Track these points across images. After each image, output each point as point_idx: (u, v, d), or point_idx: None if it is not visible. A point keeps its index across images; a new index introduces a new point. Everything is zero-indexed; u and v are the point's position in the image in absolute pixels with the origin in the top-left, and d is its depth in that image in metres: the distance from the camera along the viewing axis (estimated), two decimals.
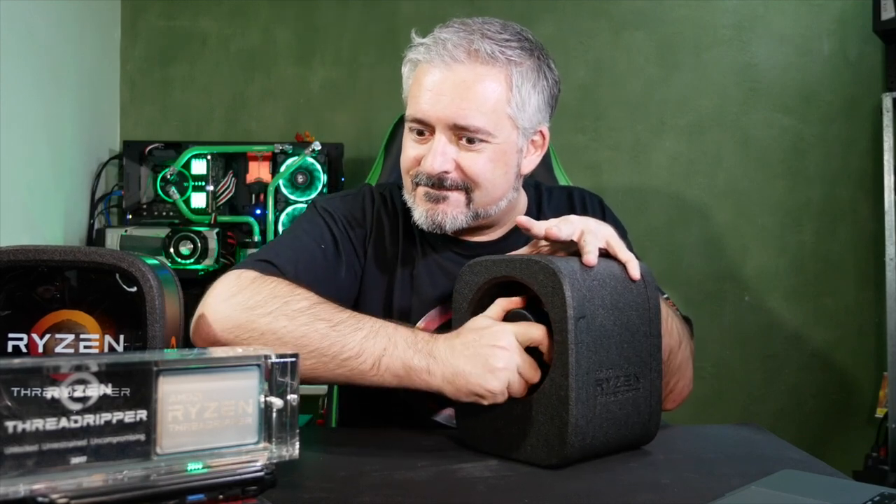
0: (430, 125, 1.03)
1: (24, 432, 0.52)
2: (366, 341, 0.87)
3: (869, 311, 2.49)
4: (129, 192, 2.39)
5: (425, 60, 1.03)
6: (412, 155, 1.05)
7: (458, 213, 1.05)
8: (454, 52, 1.01)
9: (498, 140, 1.03)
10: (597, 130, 2.58)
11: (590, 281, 0.82)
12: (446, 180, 1.04)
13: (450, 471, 0.79)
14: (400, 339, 0.87)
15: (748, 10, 2.55)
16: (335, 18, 2.64)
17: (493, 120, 1.02)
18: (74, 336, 0.72)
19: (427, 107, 1.02)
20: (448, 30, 1.04)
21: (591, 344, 0.80)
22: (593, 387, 0.80)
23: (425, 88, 1.02)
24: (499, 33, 1.03)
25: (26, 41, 2.10)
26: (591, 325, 0.80)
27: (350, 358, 0.86)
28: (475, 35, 1.02)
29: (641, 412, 0.85)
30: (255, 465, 0.62)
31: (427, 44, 1.04)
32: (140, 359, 0.58)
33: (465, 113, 1.00)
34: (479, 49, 1.01)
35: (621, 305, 0.84)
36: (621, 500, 0.73)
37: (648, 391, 0.85)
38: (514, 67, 1.02)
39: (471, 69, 1.01)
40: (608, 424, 0.81)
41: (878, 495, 0.65)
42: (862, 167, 2.50)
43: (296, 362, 0.65)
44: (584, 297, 0.80)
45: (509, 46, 1.02)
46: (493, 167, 1.04)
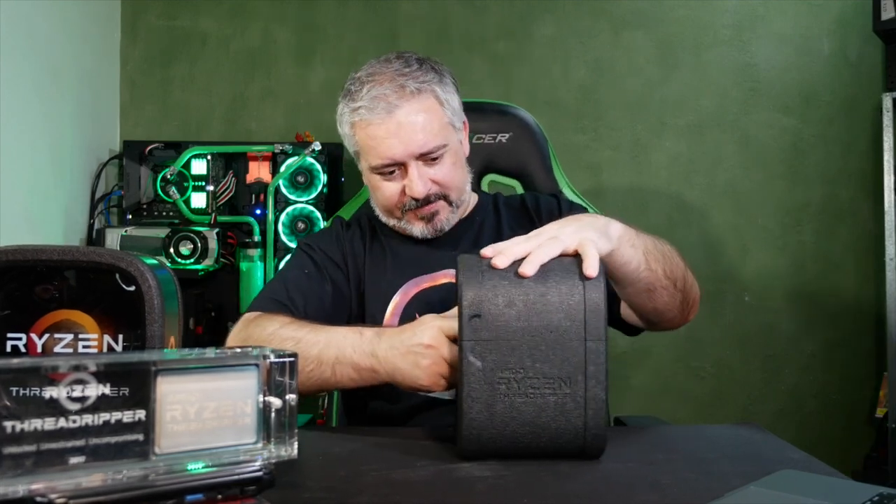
0: (400, 163, 1.20)
1: (23, 432, 0.52)
2: (322, 353, 1.00)
3: (869, 311, 2.49)
4: (129, 192, 2.39)
5: (370, 118, 1.18)
6: (394, 191, 1.22)
7: (448, 215, 1.25)
8: (392, 101, 1.17)
9: (450, 145, 1.22)
10: (597, 130, 2.58)
11: (498, 280, 0.83)
12: (430, 196, 1.22)
13: (450, 471, 0.79)
14: (347, 346, 1.00)
15: (748, 10, 2.55)
16: (335, 18, 2.64)
17: (443, 133, 1.20)
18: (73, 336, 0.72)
19: (393, 150, 1.18)
20: (374, 87, 1.18)
21: (489, 343, 0.82)
22: (492, 385, 0.82)
23: (383, 137, 1.18)
24: (408, 68, 1.20)
25: (26, 41, 2.10)
26: (489, 324, 0.82)
27: (313, 369, 1.00)
28: (396, 80, 1.18)
29: (572, 419, 0.82)
30: (253, 464, 0.62)
31: (364, 105, 1.18)
32: (139, 359, 0.58)
33: (424, 141, 1.18)
34: (407, 88, 1.18)
35: (540, 308, 0.83)
36: (621, 500, 0.73)
37: (583, 399, 0.82)
38: (436, 86, 1.20)
39: (410, 106, 1.18)
40: (517, 424, 0.82)
41: (877, 495, 0.65)
42: (862, 167, 2.50)
43: (295, 362, 0.65)
44: (483, 297, 0.83)
45: (422, 74, 1.20)
46: (455, 167, 1.23)
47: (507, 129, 1.55)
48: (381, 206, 1.26)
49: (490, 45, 2.60)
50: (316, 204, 2.35)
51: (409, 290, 1.24)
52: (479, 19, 2.61)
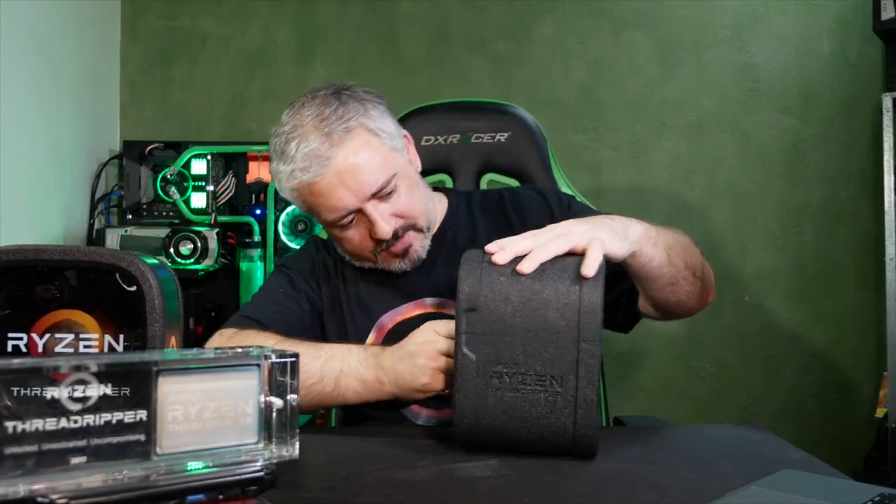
0: (356, 210, 1.12)
1: (24, 432, 0.52)
2: (324, 366, 0.99)
3: (869, 311, 2.49)
4: (129, 192, 2.39)
5: (308, 178, 1.10)
6: (361, 238, 1.15)
7: (422, 243, 1.18)
8: (323, 152, 1.09)
9: (399, 172, 1.14)
10: (597, 130, 2.58)
11: (496, 275, 0.84)
12: (398, 232, 1.15)
13: (450, 471, 0.80)
14: (352, 359, 0.99)
15: (748, 10, 2.55)
16: (335, 18, 2.64)
17: (388, 164, 1.13)
18: (74, 336, 0.72)
19: (346, 200, 1.10)
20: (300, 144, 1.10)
21: (484, 336, 0.83)
22: (486, 378, 0.83)
23: (328, 192, 1.10)
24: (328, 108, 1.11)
25: (26, 41, 2.10)
26: (485, 318, 0.83)
27: (314, 384, 0.98)
28: (319, 129, 1.10)
29: (562, 417, 0.82)
30: (254, 465, 0.62)
31: (298, 167, 1.10)
32: (140, 359, 0.58)
33: (372, 181, 1.10)
34: (332, 134, 1.09)
35: (535, 305, 0.83)
36: (621, 500, 0.73)
37: (573, 398, 0.82)
38: (362, 118, 1.12)
39: (345, 152, 1.09)
40: (506, 418, 0.83)
41: (878, 495, 0.65)
42: (862, 167, 2.50)
43: (296, 362, 0.65)
44: (480, 291, 0.84)
45: (344, 111, 1.11)
46: (412, 192, 1.16)
47: (507, 128, 1.55)
48: (350, 253, 1.20)
49: (490, 45, 2.60)
50: None
51: (385, 325, 1.20)
52: (479, 19, 2.61)
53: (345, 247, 1.19)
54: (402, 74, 2.59)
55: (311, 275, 1.24)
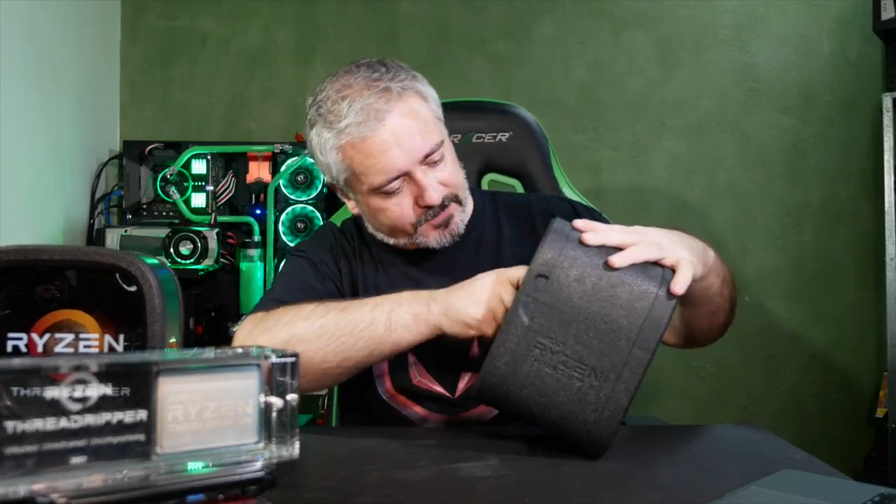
0: (405, 173, 1.08)
1: (24, 432, 0.52)
2: (374, 310, 0.97)
3: (869, 311, 2.49)
4: (129, 192, 2.39)
5: (363, 133, 1.06)
6: (406, 207, 1.11)
7: (460, 216, 1.15)
8: (380, 108, 1.06)
9: (445, 141, 1.13)
10: (597, 130, 2.58)
11: (580, 253, 0.83)
12: (445, 201, 1.12)
13: (450, 471, 0.79)
14: (403, 297, 0.97)
15: (748, 10, 2.55)
16: (335, 18, 2.64)
17: (437, 130, 1.12)
18: (74, 336, 0.72)
19: (397, 161, 1.07)
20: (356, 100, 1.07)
21: (545, 307, 0.82)
22: (530, 345, 0.81)
23: (382, 151, 1.07)
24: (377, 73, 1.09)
25: (26, 41, 2.10)
26: (553, 289, 0.82)
27: (366, 328, 0.96)
28: (372, 87, 1.07)
29: (587, 409, 0.82)
30: (254, 464, 0.62)
31: (351, 122, 1.07)
32: (140, 359, 0.58)
33: (424, 142, 1.08)
34: (390, 90, 1.07)
35: (605, 296, 0.82)
36: (621, 500, 0.73)
37: (606, 397, 0.81)
38: (414, 83, 1.11)
39: (399, 108, 1.07)
40: (533, 391, 0.82)
41: (878, 495, 0.65)
42: (862, 167, 2.50)
43: (295, 362, 0.65)
44: (558, 262, 0.82)
45: (396, 74, 1.10)
46: (455, 164, 1.15)
47: (507, 128, 1.54)
48: (390, 227, 1.14)
49: (490, 45, 2.60)
50: (316, 204, 2.35)
51: None
52: (479, 19, 2.61)
53: (383, 219, 1.14)
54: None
55: (332, 260, 1.20)
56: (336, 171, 1.12)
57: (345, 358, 0.97)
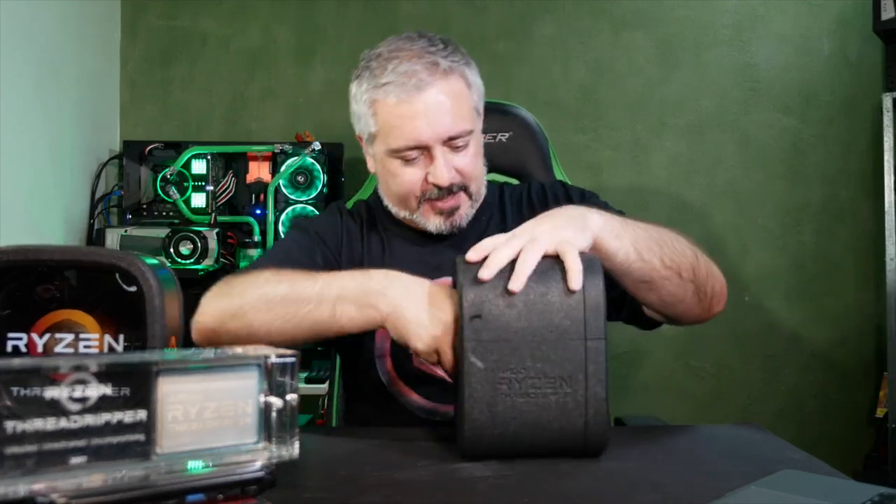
0: (424, 147, 1.11)
1: (24, 432, 0.52)
2: (322, 291, 0.94)
3: (869, 311, 2.49)
4: (129, 192, 2.39)
5: (398, 95, 1.09)
6: (414, 179, 1.13)
7: (466, 210, 1.17)
8: (422, 77, 1.08)
9: (475, 132, 1.15)
10: (597, 130, 2.58)
11: (497, 280, 0.84)
12: (453, 186, 1.13)
13: (450, 471, 0.79)
14: (351, 284, 0.94)
15: (748, 10, 2.55)
16: (335, 18, 2.64)
17: (471, 118, 1.14)
18: (74, 336, 0.72)
19: (420, 132, 1.09)
20: (403, 63, 1.09)
21: (491, 343, 0.82)
22: (494, 385, 0.82)
23: (410, 117, 1.09)
24: (434, 46, 1.11)
25: (26, 41, 2.10)
26: (490, 324, 0.82)
27: (311, 310, 0.94)
28: (425, 57, 1.09)
29: (573, 418, 0.82)
30: (254, 464, 0.62)
31: (392, 81, 1.09)
32: (140, 359, 0.58)
33: (453, 124, 1.10)
34: (439, 65, 1.09)
35: (540, 308, 0.83)
36: (621, 500, 0.73)
37: (584, 398, 0.82)
38: (465, 68, 1.13)
39: (441, 85, 1.09)
40: (518, 424, 0.82)
41: (878, 495, 0.65)
42: (862, 167, 2.50)
43: (295, 363, 0.65)
44: (484, 297, 0.83)
45: (451, 54, 1.12)
46: (477, 158, 1.16)
47: (508, 128, 1.55)
48: (396, 194, 1.17)
49: (490, 45, 2.60)
50: (316, 204, 2.35)
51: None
52: (479, 19, 2.61)
53: (392, 185, 1.16)
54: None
55: (333, 238, 1.21)
56: (364, 123, 1.15)
57: (289, 333, 0.96)
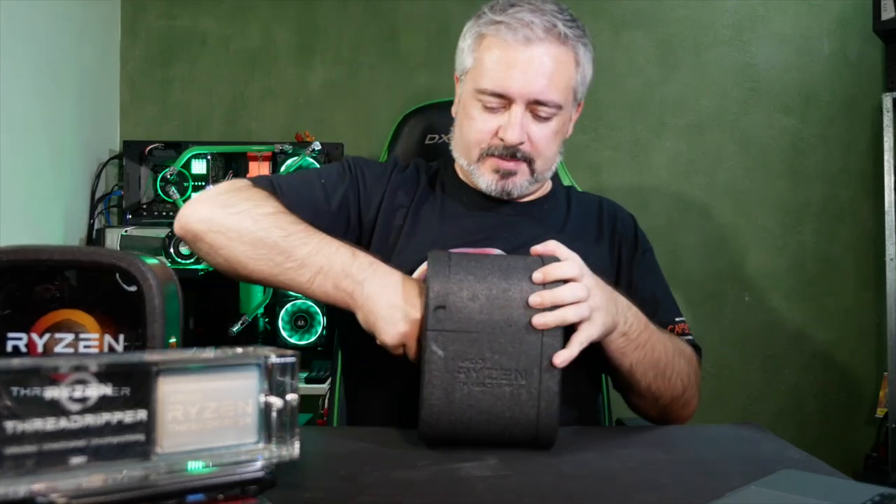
0: (508, 98, 1.08)
1: (24, 432, 0.52)
2: (308, 257, 0.94)
3: (869, 311, 2.49)
4: (129, 192, 2.39)
5: (506, 38, 1.07)
6: (487, 127, 1.11)
7: (524, 181, 1.14)
8: (537, 32, 1.06)
9: (563, 111, 1.12)
10: (597, 130, 2.58)
11: (464, 274, 0.87)
12: (518, 151, 1.11)
13: (450, 471, 0.80)
14: (337, 261, 0.93)
15: (748, 10, 2.55)
16: (335, 18, 2.64)
17: (565, 95, 1.10)
18: (74, 335, 0.72)
19: (511, 82, 1.07)
20: (524, 12, 1.08)
21: (452, 333, 0.85)
22: (452, 373, 0.85)
23: (508, 64, 1.07)
24: (562, 14, 1.10)
25: (26, 41, 2.10)
26: (453, 315, 0.85)
27: (292, 269, 0.95)
28: (548, 16, 1.08)
29: (525, 410, 0.85)
30: (254, 464, 0.62)
31: (507, 23, 1.07)
32: (140, 359, 0.58)
33: (545, 89, 1.07)
34: (557, 29, 1.08)
35: (501, 303, 0.86)
36: (621, 500, 0.73)
37: (537, 391, 0.85)
38: (580, 46, 1.11)
39: (551, 48, 1.07)
40: (473, 412, 0.85)
41: (878, 495, 0.65)
42: (862, 167, 2.50)
43: (295, 363, 0.65)
44: (449, 290, 0.86)
45: (574, 26, 1.11)
46: (555, 137, 1.13)
47: None
48: (466, 138, 1.14)
49: None
50: None
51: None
52: None
53: (465, 127, 1.14)
54: (402, 74, 2.59)
55: (378, 180, 1.18)
56: (464, 56, 1.15)
57: (263, 277, 0.98)
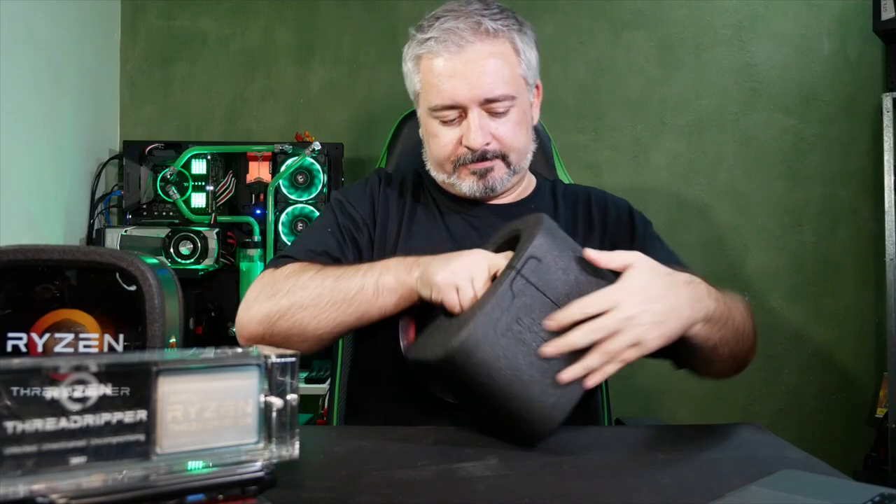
0: (461, 107, 1.11)
1: (24, 432, 0.52)
2: (364, 277, 1.01)
3: (869, 311, 2.49)
4: (129, 192, 2.39)
5: (438, 52, 1.10)
6: (449, 140, 1.13)
7: (503, 175, 1.16)
8: (465, 36, 1.09)
9: (518, 100, 1.13)
10: (597, 130, 2.58)
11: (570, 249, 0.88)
12: (488, 152, 1.13)
13: (450, 470, 0.79)
14: (392, 262, 1.01)
15: (748, 10, 2.55)
16: (335, 18, 2.64)
17: (514, 84, 1.12)
18: (74, 335, 0.72)
19: (457, 91, 1.09)
20: (448, 20, 1.10)
21: (532, 288, 0.84)
22: (511, 319, 0.83)
23: (448, 75, 1.10)
24: (488, 9, 1.12)
25: (26, 41, 2.10)
26: (542, 274, 0.85)
27: (357, 294, 1.00)
28: (473, 17, 1.10)
29: (547, 391, 0.83)
30: (254, 464, 0.62)
31: (434, 37, 1.10)
32: (140, 359, 0.58)
33: (492, 86, 1.09)
34: (484, 26, 1.09)
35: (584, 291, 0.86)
36: (621, 499, 0.73)
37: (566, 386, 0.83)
38: (515, 34, 1.13)
39: (483, 46, 1.09)
40: (503, 364, 0.83)
41: (878, 495, 0.65)
42: (862, 167, 2.50)
43: (295, 363, 0.65)
44: (551, 251, 0.86)
45: (503, 18, 1.12)
46: (519, 127, 1.14)
47: None
48: (435, 157, 1.17)
49: None
50: (316, 204, 2.35)
51: None
52: None
53: (431, 146, 1.17)
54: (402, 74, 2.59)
55: (367, 203, 1.22)
56: (410, 81, 1.18)
57: (338, 323, 1.02)
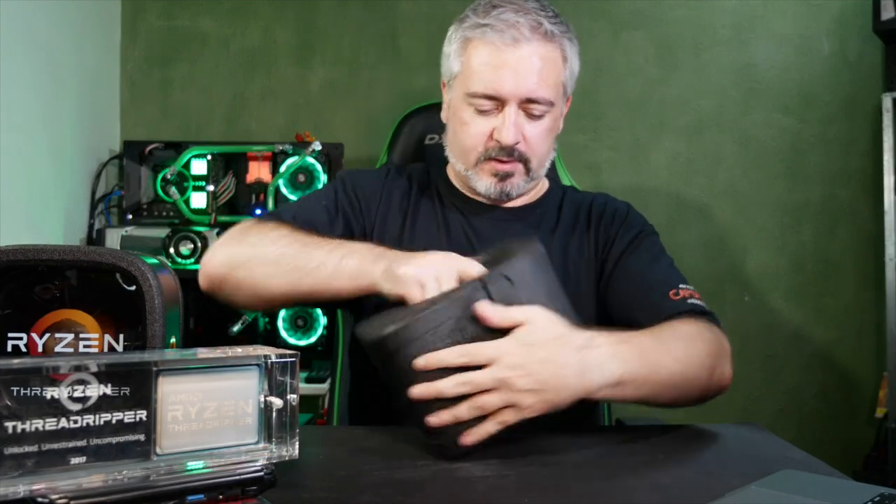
0: (500, 100, 1.09)
1: (24, 432, 0.52)
2: (329, 254, 0.98)
3: (869, 311, 2.49)
4: (129, 192, 2.39)
5: (492, 40, 1.08)
6: (480, 131, 1.11)
7: (520, 181, 1.14)
8: (523, 32, 1.07)
9: (555, 108, 1.13)
10: (596, 130, 2.58)
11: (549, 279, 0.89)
12: (515, 151, 1.11)
13: (450, 470, 0.80)
14: (361, 247, 0.99)
15: (748, 10, 2.55)
16: (335, 18, 2.64)
17: (556, 91, 1.12)
18: (74, 335, 0.72)
19: (502, 83, 1.07)
20: (507, 12, 1.09)
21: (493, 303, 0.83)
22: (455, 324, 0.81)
23: (497, 66, 1.08)
24: (545, 11, 1.11)
25: (26, 41, 2.10)
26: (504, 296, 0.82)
27: (315, 268, 0.98)
28: (532, 15, 1.09)
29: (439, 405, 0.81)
30: (254, 465, 0.62)
31: (491, 24, 1.08)
32: (140, 359, 0.58)
33: (537, 87, 1.08)
34: (543, 27, 1.08)
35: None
36: (621, 499, 0.73)
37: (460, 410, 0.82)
38: (566, 41, 1.12)
39: (538, 46, 1.08)
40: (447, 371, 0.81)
41: (878, 495, 0.65)
42: (862, 167, 2.50)
43: (296, 363, 0.65)
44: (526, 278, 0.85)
45: (558, 23, 1.11)
46: (548, 134, 1.14)
47: None
48: (461, 144, 1.14)
49: None
50: None
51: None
52: None
53: (460, 133, 1.14)
54: (402, 74, 2.59)
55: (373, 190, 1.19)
56: (450, 61, 1.15)
57: (289, 290, 1.01)
